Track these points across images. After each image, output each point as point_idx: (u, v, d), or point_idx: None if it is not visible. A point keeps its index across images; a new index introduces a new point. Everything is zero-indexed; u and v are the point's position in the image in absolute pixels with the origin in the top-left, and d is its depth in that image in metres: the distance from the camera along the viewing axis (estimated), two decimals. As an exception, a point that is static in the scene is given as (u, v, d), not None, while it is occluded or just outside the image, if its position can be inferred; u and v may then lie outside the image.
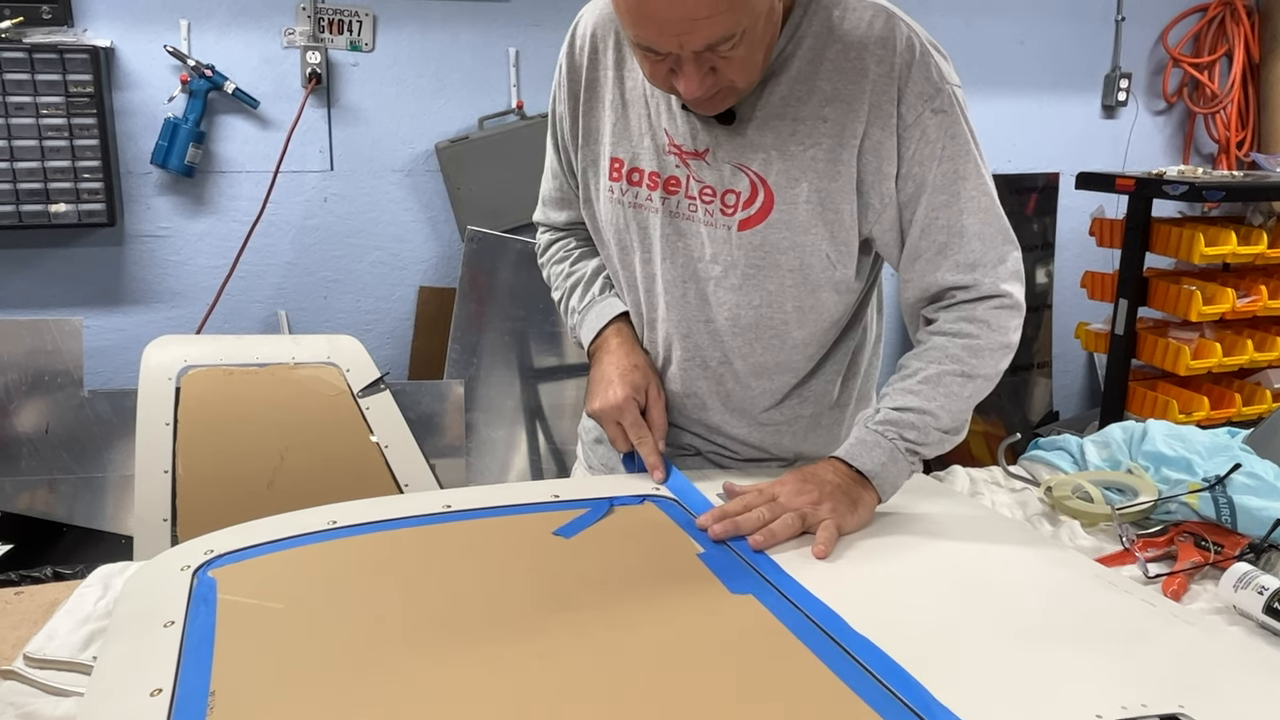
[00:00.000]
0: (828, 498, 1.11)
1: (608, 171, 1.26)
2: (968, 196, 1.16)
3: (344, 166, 3.04)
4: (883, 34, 1.13)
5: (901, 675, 0.81)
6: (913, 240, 1.18)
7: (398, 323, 3.17)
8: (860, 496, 1.13)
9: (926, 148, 1.14)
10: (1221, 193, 2.86)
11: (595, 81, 1.26)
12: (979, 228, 1.17)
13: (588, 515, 1.11)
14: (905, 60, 1.12)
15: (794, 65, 1.14)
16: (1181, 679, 0.85)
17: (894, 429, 1.16)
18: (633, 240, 1.27)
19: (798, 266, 1.20)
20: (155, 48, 2.80)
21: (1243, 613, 1.08)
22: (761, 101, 1.15)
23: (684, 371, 1.29)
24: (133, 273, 2.94)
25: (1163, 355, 3.04)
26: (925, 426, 1.16)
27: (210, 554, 1.00)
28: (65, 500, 2.32)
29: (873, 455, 1.15)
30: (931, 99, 1.12)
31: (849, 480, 1.14)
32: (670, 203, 1.22)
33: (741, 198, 1.18)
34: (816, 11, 1.14)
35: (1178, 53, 3.77)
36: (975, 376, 1.18)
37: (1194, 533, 1.27)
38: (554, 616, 0.91)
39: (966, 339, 1.18)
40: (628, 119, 1.24)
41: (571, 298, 1.38)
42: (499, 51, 3.09)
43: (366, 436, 1.62)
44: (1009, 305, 1.19)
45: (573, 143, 1.30)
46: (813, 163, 1.15)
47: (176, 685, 0.78)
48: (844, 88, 1.13)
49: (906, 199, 1.17)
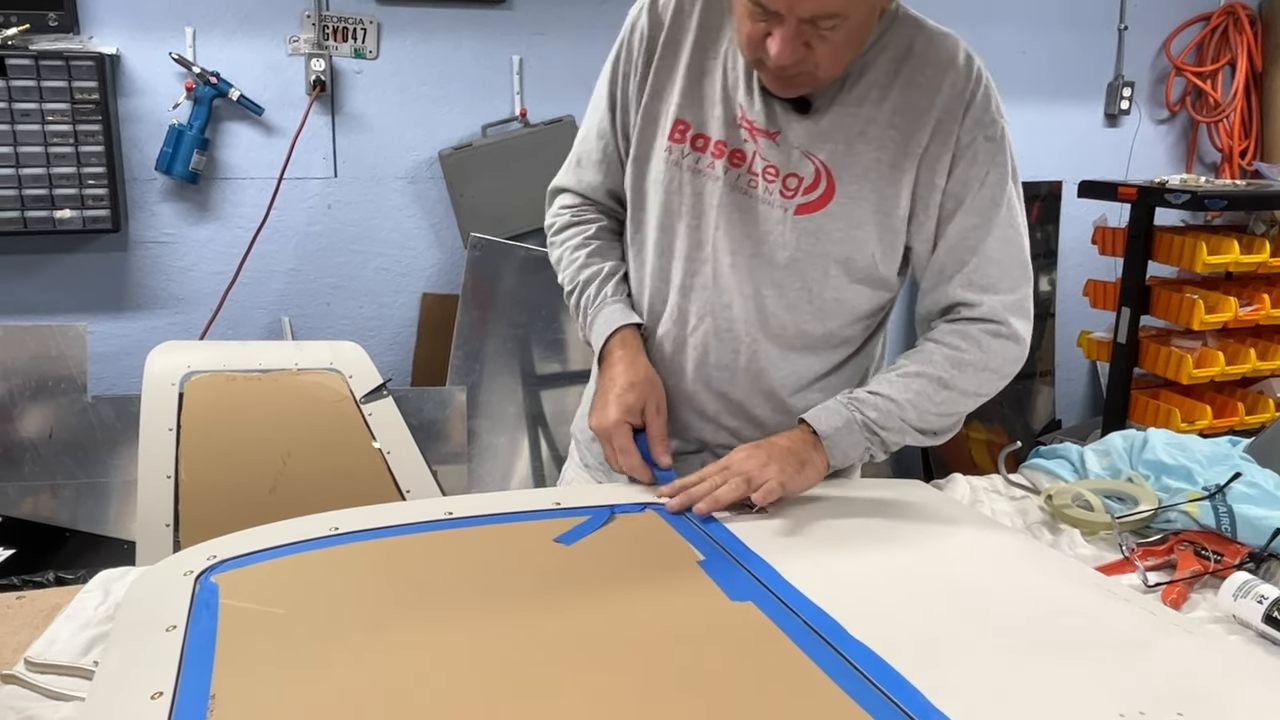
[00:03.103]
0: (775, 460, 1.18)
1: (668, 131, 1.28)
2: (998, 224, 1.24)
3: (348, 173, 3.05)
4: (958, 59, 1.23)
5: (901, 683, 0.81)
6: (939, 254, 1.27)
7: (400, 329, 3.18)
8: (810, 459, 1.21)
9: (973, 169, 1.23)
10: (1224, 202, 2.86)
11: (675, 41, 1.28)
12: (1000, 256, 1.25)
13: (588, 523, 1.11)
14: (974, 87, 1.22)
15: (872, 72, 1.22)
16: (1181, 687, 0.85)
17: (857, 404, 1.24)
18: (683, 204, 1.29)
19: (844, 259, 1.26)
20: (161, 55, 2.81)
21: (1242, 622, 1.08)
22: (839, 98, 1.22)
23: (718, 341, 1.30)
24: (137, 279, 2.95)
25: (1165, 364, 3.03)
26: (889, 412, 1.23)
27: (213, 559, 1.01)
28: (68, 505, 2.32)
29: (830, 420, 1.23)
30: (987, 127, 1.22)
31: (801, 444, 1.22)
32: (732, 174, 1.26)
33: (804, 183, 1.24)
34: (899, 30, 1.23)
35: (1180, 61, 3.77)
36: (951, 388, 1.25)
37: (1194, 542, 1.27)
38: (554, 623, 0.91)
39: (952, 350, 1.25)
40: (701, 85, 1.27)
41: (584, 294, 1.37)
42: (502, 59, 3.10)
43: (369, 442, 1.62)
44: (1004, 334, 1.25)
45: (637, 97, 1.31)
46: (876, 165, 1.22)
47: (177, 688, 0.79)
48: (916, 100, 1.22)
49: (944, 215, 1.25)
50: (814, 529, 1.16)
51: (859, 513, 1.23)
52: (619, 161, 1.36)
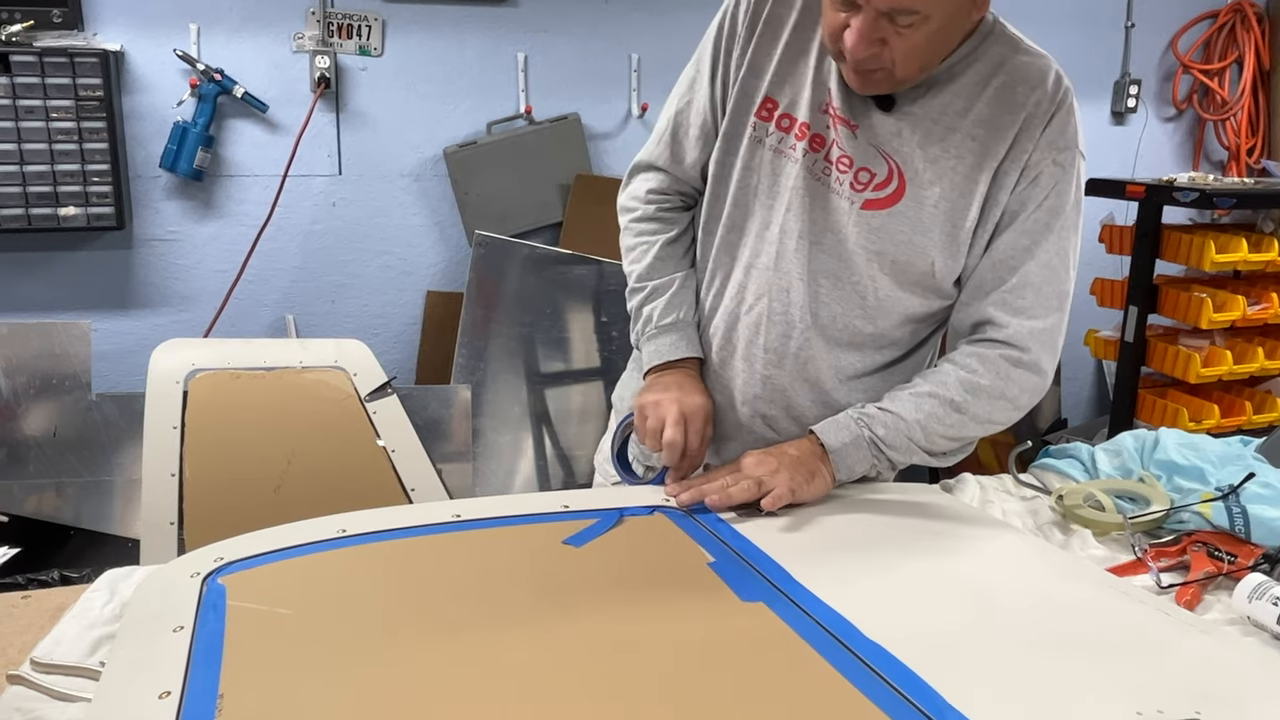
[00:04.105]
0: (785, 468, 1.20)
1: (757, 107, 1.28)
2: (1044, 249, 1.23)
3: (352, 171, 3.04)
4: (1048, 79, 1.23)
5: (915, 681, 0.80)
6: (982, 268, 1.26)
7: (405, 327, 3.17)
8: (818, 470, 1.22)
9: (1034, 189, 1.22)
10: (1232, 200, 2.85)
11: (778, 18, 1.28)
12: (1040, 281, 1.24)
13: (597, 525, 1.11)
14: (1056, 110, 1.22)
15: (960, 82, 1.22)
16: (1198, 688, 0.84)
17: (866, 419, 1.24)
18: (760, 182, 1.29)
19: (903, 261, 1.25)
20: (165, 52, 2.81)
21: (1257, 624, 1.07)
22: (923, 101, 1.22)
23: (770, 324, 1.30)
24: (141, 276, 2.94)
25: (1173, 363, 3.02)
26: (897, 430, 1.23)
27: (220, 561, 1.00)
28: (72, 503, 2.32)
29: (838, 434, 1.24)
30: (1060, 151, 1.22)
31: (810, 455, 1.23)
32: (810, 158, 1.26)
33: (876, 179, 1.23)
34: (993, 44, 1.23)
35: (1188, 59, 3.76)
36: (962, 412, 1.24)
37: (1207, 543, 1.26)
38: (563, 625, 0.90)
39: (968, 373, 1.24)
40: (795, 66, 1.27)
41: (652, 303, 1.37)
42: (507, 57, 3.09)
43: (373, 441, 1.61)
44: (1025, 363, 1.24)
45: (735, 71, 1.30)
46: (951, 173, 1.22)
47: (185, 688, 0.78)
48: (999, 116, 1.21)
49: (998, 229, 1.24)
50: (824, 531, 1.16)
51: (869, 514, 1.22)
52: (715, 136, 1.34)
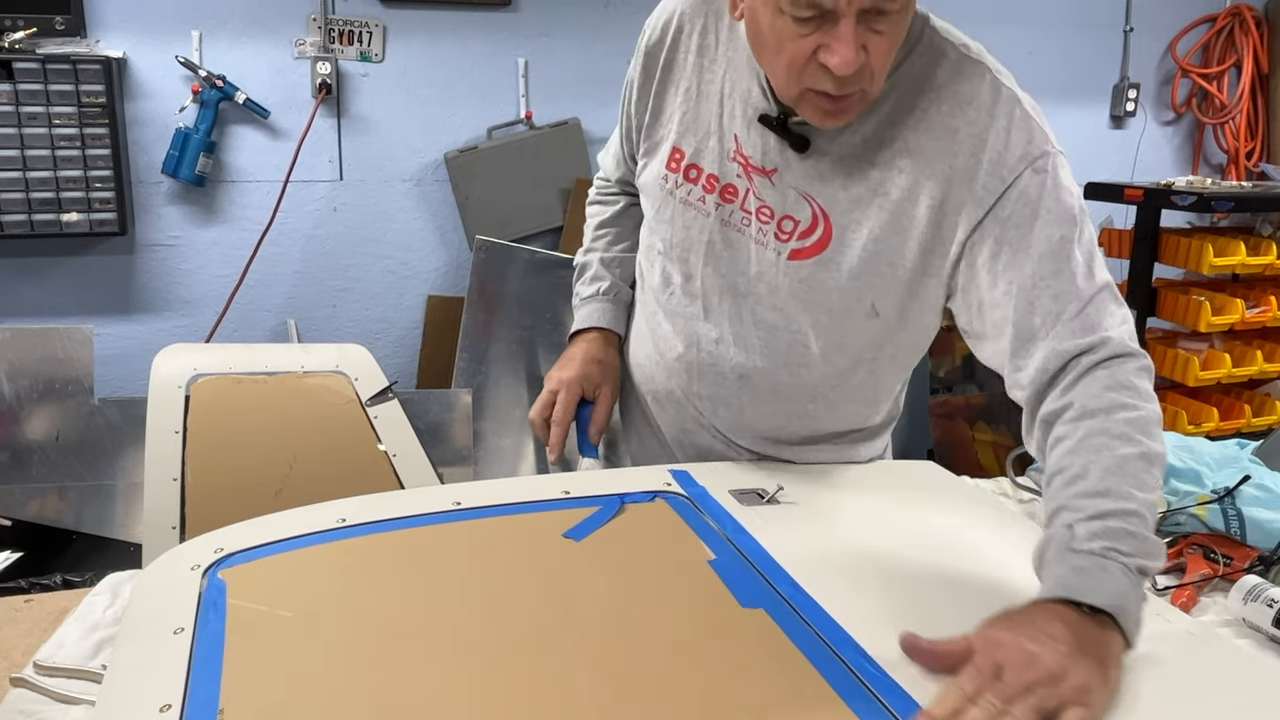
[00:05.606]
0: (1071, 668, 0.79)
1: (666, 159, 1.21)
2: (1077, 261, 1.04)
3: (353, 176, 3.05)
4: (979, 95, 1.06)
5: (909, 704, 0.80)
6: (1020, 315, 1.04)
7: (406, 332, 3.18)
8: (1106, 652, 0.82)
9: (1025, 208, 1.04)
10: (1231, 203, 2.86)
11: (673, 63, 1.20)
12: (1092, 292, 1.03)
13: (598, 515, 1.10)
14: (1003, 125, 1.05)
15: (883, 109, 1.08)
16: (1191, 691, 0.85)
17: (1106, 542, 0.87)
18: (674, 236, 1.23)
19: (841, 307, 1.15)
20: (167, 58, 2.82)
21: (1252, 626, 1.08)
22: (840, 138, 1.10)
23: (701, 373, 1.26)
24: (143, 281, 2.96)
25: (1172, 366, 3.03)
26: (1139, 532, 0.89)
27: (220, 552, 1.00)
28: (75, 507, 2.33)
29: (1103, 585, 0.85)
30: (1033, 160, 1.05)
31: (1082, 628, 0.83)
32: (724, 210, 1.18)
33: (800, 227, 1.13)
34: (920, 55, 1.08)
35: (1186, 63, 3.77)
36: (1153, 457, 0.94)
37: (1203, 545, 1.27)
38: (562, 626, 0.91)
39: (1128, 411, 0.96)
40: (698, 111, 1.18)
41: (580, 279, 1.44)
42: (508, 62, 3.10)
43: (374, 445, 1.62)
44: (1148, 367, 1.02)
45: (638, 118, 1.25)
46: (879, 211, 1.09)
47: (185, 700, 0.79)
48: (928, 143, 1.07)
49: (1004, 266, 1.05)
50: (832, 526, 1.12)
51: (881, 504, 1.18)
52: (633, 172, 1.33)
